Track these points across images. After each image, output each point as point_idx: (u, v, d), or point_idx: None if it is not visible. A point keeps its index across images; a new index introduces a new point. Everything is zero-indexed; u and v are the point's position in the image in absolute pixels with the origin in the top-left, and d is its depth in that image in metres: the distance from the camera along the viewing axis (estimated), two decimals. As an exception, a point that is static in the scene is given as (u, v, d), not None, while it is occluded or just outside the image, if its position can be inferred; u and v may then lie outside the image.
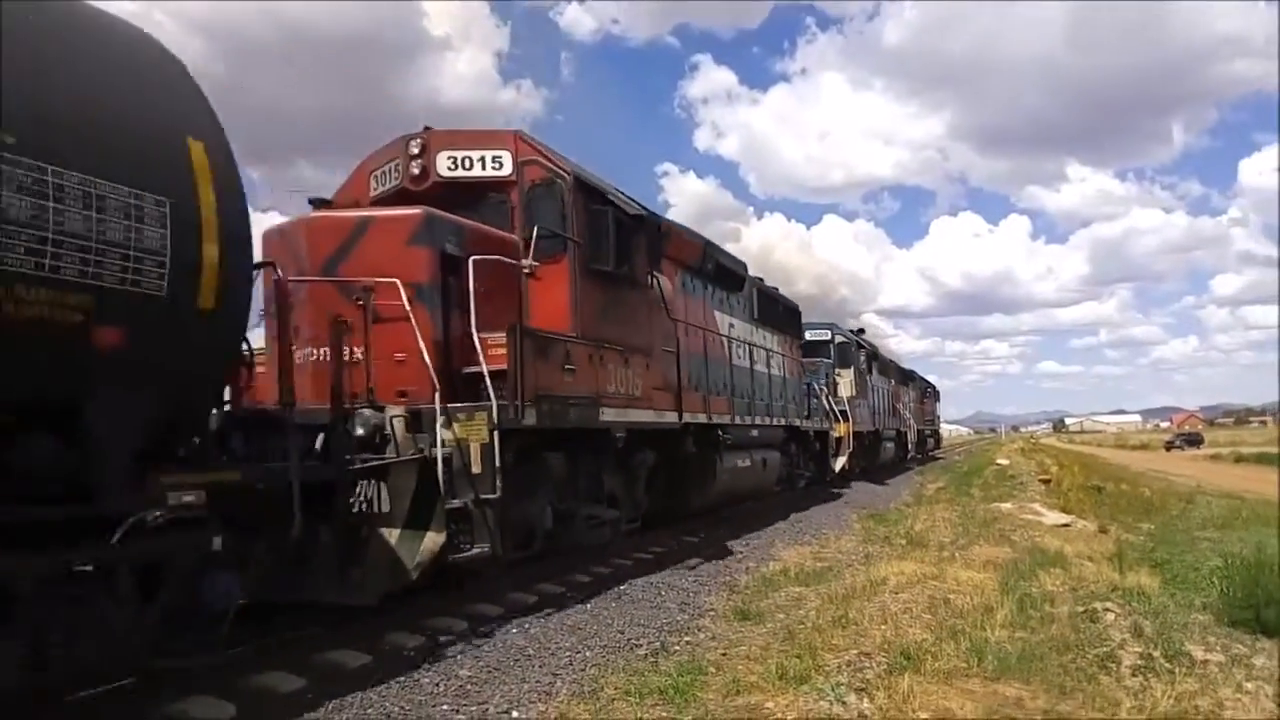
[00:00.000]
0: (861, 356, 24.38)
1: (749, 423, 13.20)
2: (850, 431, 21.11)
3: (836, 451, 20.32)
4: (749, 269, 14.69)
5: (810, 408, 17.73)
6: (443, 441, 6.23)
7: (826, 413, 19.62)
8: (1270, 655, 5.76)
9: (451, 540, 6.14)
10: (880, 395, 27.61)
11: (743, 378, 13.30)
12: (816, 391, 18.79)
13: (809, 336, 20.43)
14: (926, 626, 6.01)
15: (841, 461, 20.55)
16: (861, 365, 24.16)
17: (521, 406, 6.71)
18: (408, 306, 6.28)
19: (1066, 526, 13.20)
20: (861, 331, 27.21)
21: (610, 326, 8.53)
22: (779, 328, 16.16)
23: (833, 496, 17.35)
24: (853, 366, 22.90)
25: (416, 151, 8.12)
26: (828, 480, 19.51)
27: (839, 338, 23.32)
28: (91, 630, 3.89)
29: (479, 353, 6.60)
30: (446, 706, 4.68)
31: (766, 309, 15.36)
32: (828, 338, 22.67)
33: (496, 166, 8.09)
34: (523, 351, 6.77)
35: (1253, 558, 7.59)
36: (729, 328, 13.15)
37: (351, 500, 5.69)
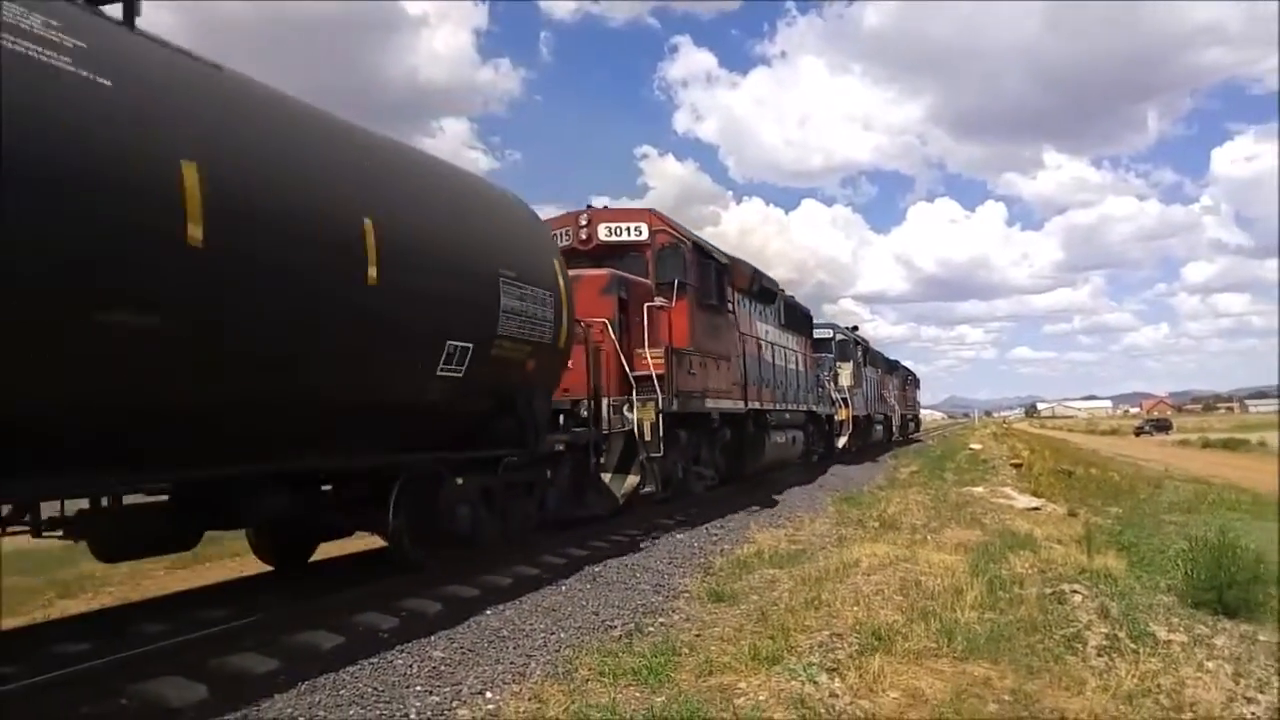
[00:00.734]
0: (858, 352, 28.33)
1: (783, 409, 17.05)
2: (850, 415, 25.08)
3: (839, 432, 24.32)
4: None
5: (820, 396, 21.61)
6: (634, 420, 10.00)
7: (832, 400, 23.54)
8: (1230, 635, 5.81)
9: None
10: (871, 384, 31.58)
11: (778, 373, 17.10)
12: (823, 382, 22.67)
13: (816, 335, 24.29)
14: (898, 608, 6.10)
15: (844, 440, 24.55)
16: (858, 359, 28.08)
17: (671, 398, 10.48)
18: (612, 334, 10.01)
19: (1037, 510, 13.60)
20: (855, 329, 31.17)
21: (710, 341, 12.31)
22: (798, 330, 19.96)
23: (809, 480, 17.71)
24: (851, 360, 26.83)
25: (584, 223, 11.81)
26: (833, 454, 23.47)
27: (839, 336, 27.21)
28: (520, 509, 7.73)
29: (647, 361, 10.33)
30: (420, 687, 4.65)
31: (790, 316, 19.14)
32: (830, 336, 26.54)
33: (638, 234, 11.79)
34: (671, 362, 10.54)
35: (1216, 541, 7.58)
36: (766, 333, 16.89)
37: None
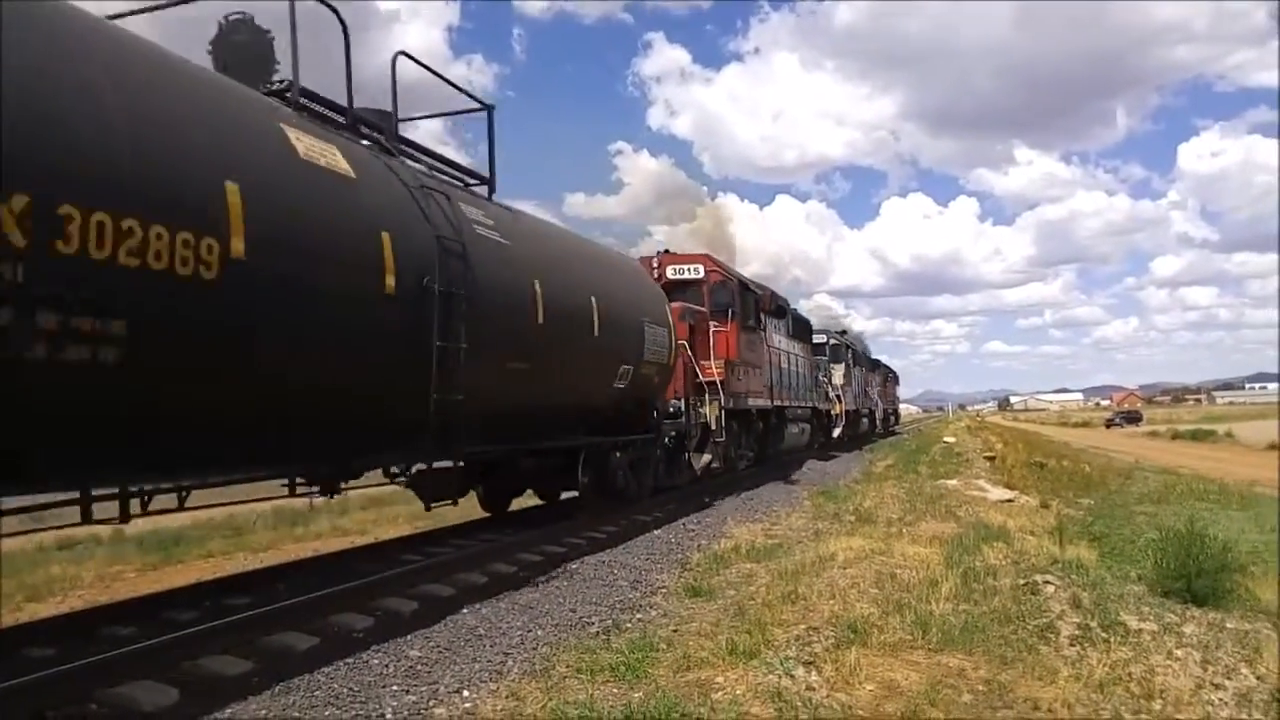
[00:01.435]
0: (849, 354, 32.17)
1: (795, 405, 20.77)
2: (843, 410, 28.90)
3: (834, 425, 28.13)
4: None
5: (819, 394, 25.35)
6: (705, 414, 13.65)
7: (828, 396, 27.31)
8: (1199, 623, 5.86)
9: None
10: (858, 382, 35.44)
11: (790, 376, 20.79)
12: (821, 381, 26.42)
13: (814, 340, 28.05)
14: (873, 601, 6.08)
15: (838, 431, 28.37)
16: (848, 359, 31.92)
17: (728, 398, 14.13)
18: (689, 350, 13.62)
19: (1010, 502, 13.89)
20: (844, 333, 35.09)
21: (749, 354, 15.96)
22: (801, 337, 23.63)
23: (785, 476, 18.19)
24: (843, 362, 30.67)
25: (656, 265, 15.38)
26: (829, 442, 27.26)
27: (832, 340, 31.05)
28: (648, 475, 11.38)
29: (712, 370, 13.95)
30: (396, 687, 4.61)
31: (796, 326, 22.83)
32: (825, 340, 30.33)
33: (695, 273, 15.39)
34: (726, 371, 14.21)
35: (1185, 530, 7.63)
36: (780, 343, 20.55)
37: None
